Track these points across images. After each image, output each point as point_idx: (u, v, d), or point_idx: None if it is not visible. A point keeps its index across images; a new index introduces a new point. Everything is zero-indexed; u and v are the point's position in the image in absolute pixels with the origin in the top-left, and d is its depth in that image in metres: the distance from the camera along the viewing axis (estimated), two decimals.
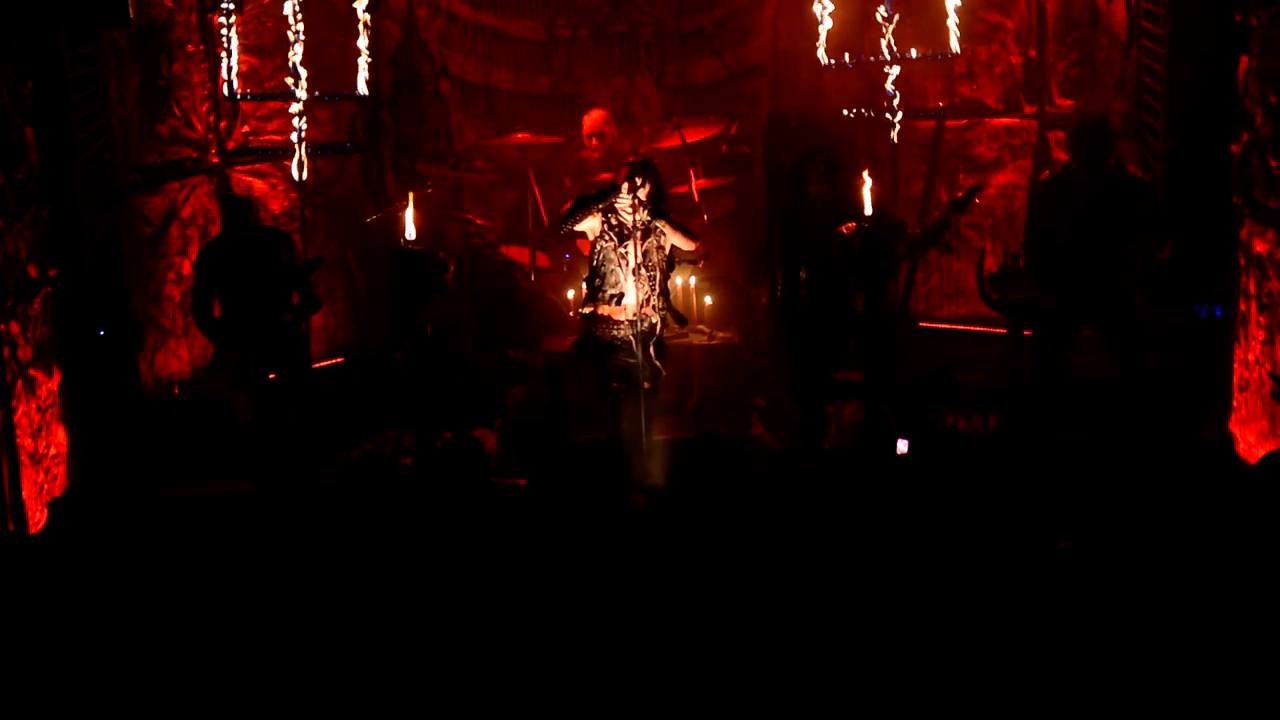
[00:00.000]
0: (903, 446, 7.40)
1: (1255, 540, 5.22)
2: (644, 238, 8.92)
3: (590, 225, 9.09)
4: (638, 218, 8.85)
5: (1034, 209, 9.55)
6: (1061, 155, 10.66)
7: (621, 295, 9.02)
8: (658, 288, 9.05)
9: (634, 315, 8.99)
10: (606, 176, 10.43)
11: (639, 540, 5.80)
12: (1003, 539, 5.58)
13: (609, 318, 9.08)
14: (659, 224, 8.99)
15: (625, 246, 8.96)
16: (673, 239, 9.05)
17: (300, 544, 6.07)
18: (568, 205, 9.43)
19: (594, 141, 11.64)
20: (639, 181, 8.86)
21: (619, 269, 9.00)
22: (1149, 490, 5.84)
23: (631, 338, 9.01)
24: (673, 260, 9.18)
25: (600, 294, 9.07)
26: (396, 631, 5.30)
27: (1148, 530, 5.50)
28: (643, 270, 8.98)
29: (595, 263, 9.11)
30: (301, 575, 5.73)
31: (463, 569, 5.64)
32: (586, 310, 9.19)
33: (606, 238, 9.03)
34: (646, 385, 9.13)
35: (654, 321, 9.10)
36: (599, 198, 9.01)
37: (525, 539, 5.87)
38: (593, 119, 11.75)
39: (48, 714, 5.07)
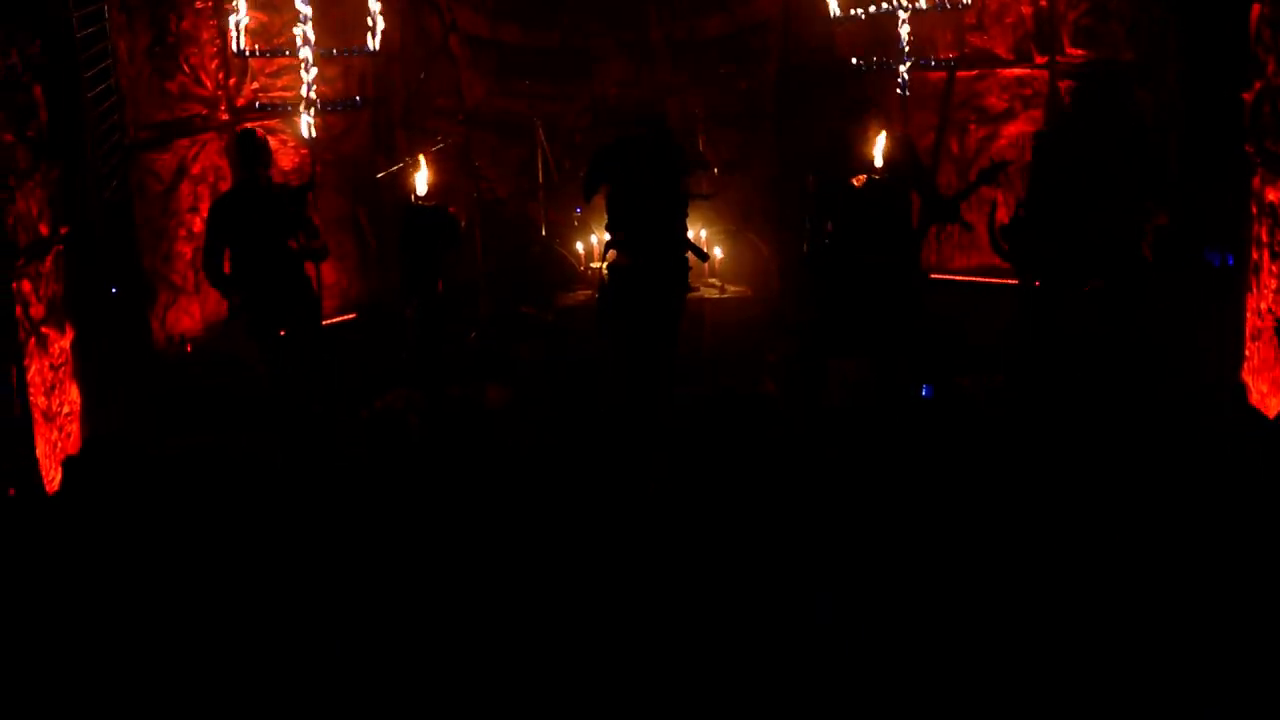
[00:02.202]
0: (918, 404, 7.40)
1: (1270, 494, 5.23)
2: (660, 173, 8.90)
3: (608, 173, 9.09)
4: (651, 162, 8.85)
5: (1037, 160, 9.51)
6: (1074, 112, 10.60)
7: (641, 235, 8.99)
8: (677, 224, 9.03)
9: (656, 261, 8.97)
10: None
11: (649, 524, 5.82)
12: (1011, 498, 5.59)
13: (631, 265, 9.05)
14: (676, 164, 8.99)
15: (642, 184, 8.94)
16: (688, 169, 9.06)
17: (314, 499, 6.11)
18: (584, 172, 9.40)
19: (613, 90, 11.58)
20: (648, 126, 8.86)
21: (639, 217, 8.98)
22: (1161, 442, 5.85)
23: (653, 284, 9.00)
24: (687, 197, 9.15)
25: (622, 243, 9.05)
26: (402, 601, 5.33)
27: (1160, 486, 5.51)
28: (663, 215, 8.96)
29: (614, 212, 9.08)
30: (313, 532, 5.77)
31: (468, 527, 5.67)
32: (610, 258, 9.14)
33: (622, 178, 9.01)
34: (666, 337, 9.14)
35: (676, 266, 9.07)
36: (611, 156, 8.99)
37: (532, 497, 5.90)
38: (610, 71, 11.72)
39: (64, 670, 5.11)
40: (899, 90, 10.63)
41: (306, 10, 10.32)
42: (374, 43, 10.78)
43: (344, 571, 5.45)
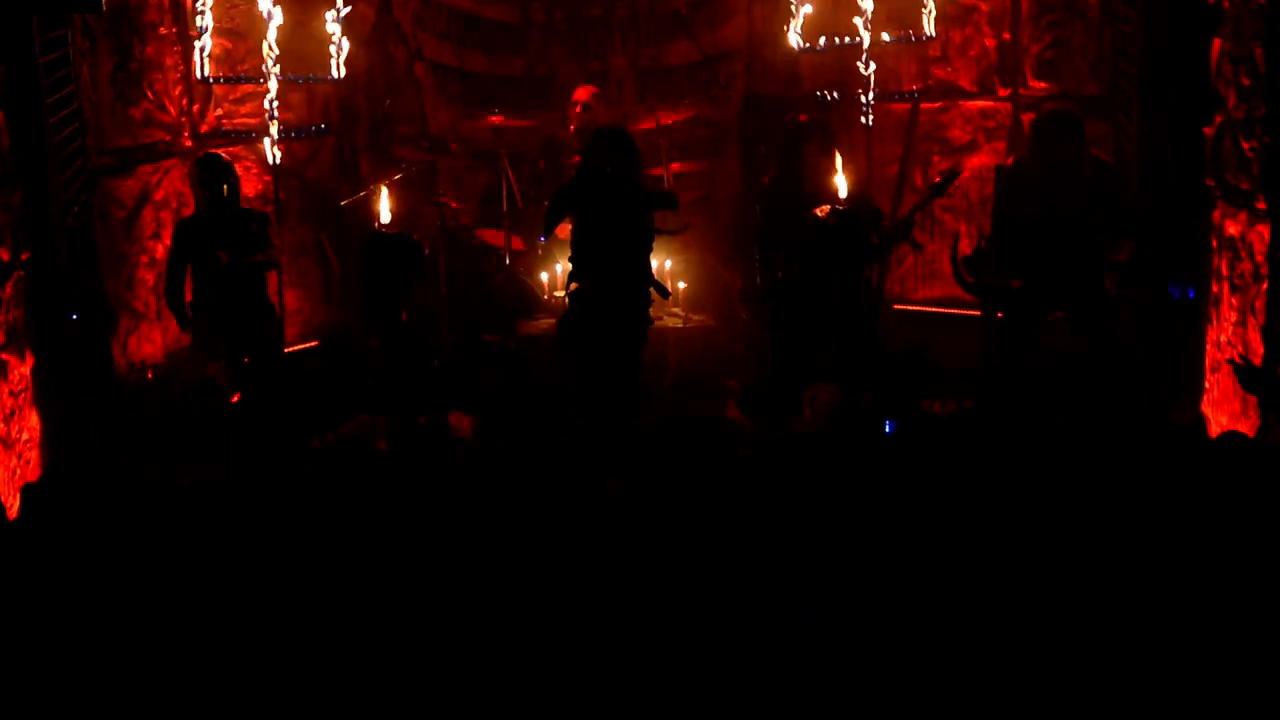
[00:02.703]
0: (888, 428, 7.41)
1: (1223, 519, 5.25)
2: (623, 209, 8.92)
3: (571, 202, 9.11)
4: (614, 190, 8.89)
5: (999, 195, 9.57)
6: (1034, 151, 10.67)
7: (604, 271, 9.01)
8: (640, 261, 9.06)
9: (618, 291, 8.99)
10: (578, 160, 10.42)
11: (613, 527, 5.81)
12: (978, 521, 5.60)
13: (593, 293, 9.07)
14: (639, 194, 9.02)
15: (605, 221, 8.96)
16: (654, 205, 9.09)
17: (276, 527, 6.06)
18: (546, 205, 9.41)
19: (577, 110, 11.59)
20: (610, 150, 8.89)
21: (601, 246, 9.00)
22: (1120, 472, 5.87)
23: (614, 313, 9.02)
24: (652, 232, 9.18)
25: (584, 272, 9.07)
26: (372, 617, 5.30)
27: (1119, 513, 5.53)
28: (626, 245, 8.99)
29: (577, 241, 9.11)
30: (277, 559, 5.73)
31: (435, 556, 5.64)
32: (572, 288, 9.18)
33: (585, 214, 9.03)
34: (627, 363, 9.17)
35: (637, 297, 9.12)
36: (572, 191, 9.01)
37: (498, 525, 5.88)
38: (583, 91, 11.72)
39: (25, 700, 5.06)
40: (863, 121, 10.68)
41: (272, 37, 10.30)
42: (338, 70, 10.77)
43: (315, 591, 5.42)
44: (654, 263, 9.52)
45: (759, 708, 4.89)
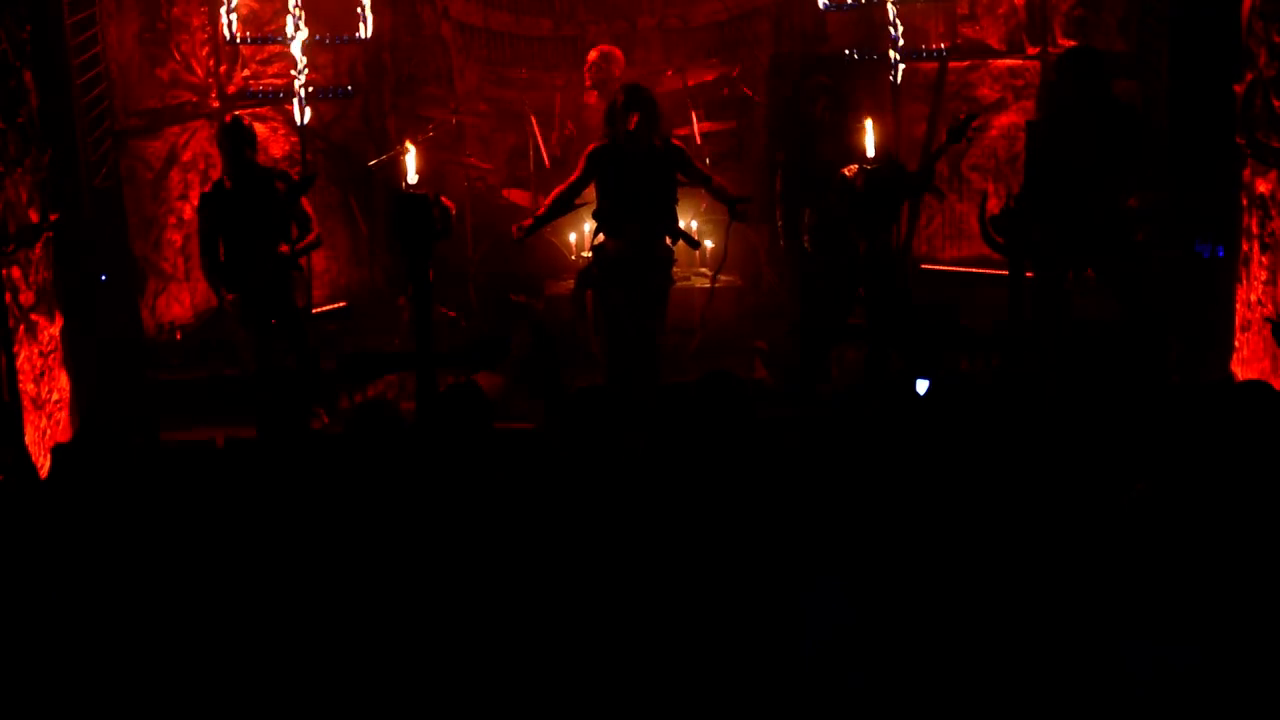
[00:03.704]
0: (921, 387, 7.38)
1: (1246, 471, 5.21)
2: (649, 168, 8.95)
3: (596, 169, 9.13)
4: (640, 149, 8.91)
5: (1031, 147, 9.50)
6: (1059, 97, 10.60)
7: (632, 228, 9.04)
8: (666, 218, 9.08)
9: (644, 247, 9.02)
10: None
11: (639, 485, 5.80)
12: (1006, 481, 5.58)
13: (619, 249, 9.10)
14: (668, 162, 9.06)
15: (632, 179, 8.99)
16: (688, 175, 9.13)
17: (302, 489, 6.08)
18: (547, 203, 9.43)
19: (592, 72, 11.55)
20: (633, 108, 8.92)
21: (628, 202, 9.03)
22: (1150, 430, 5.84)
23: (640, 270, 9.04)
24: (676, 189, 9.21)
25: (610, 228, 9.11)
26: (398, 581, 5.30)
27: (1149, 471, 5.50)
28: (653, 201, 9.01)
29: (603, 198, 9.13)
30: (304, 521, 5.74)
31: (464, 515, 5.65)
32: (597, 241, 9.22)
33: (613, 172, 9.05)
34: (652, 320, 9.19)
35: (664, 254, 9.15)
36: (602, 159, 9.07)
37: (527, 485, 5.88)
38: (594, 51, 11.67)
39: (49, 660, 5.09)
40: (891, 80, 10.62)
41: None
42: (365, 30, 10.75)
43: (344, 558, 5.43)
44: (681, 222, 9.50)
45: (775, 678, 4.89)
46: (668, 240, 9.24)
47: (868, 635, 4.86)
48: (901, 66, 10.50)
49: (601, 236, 9.24)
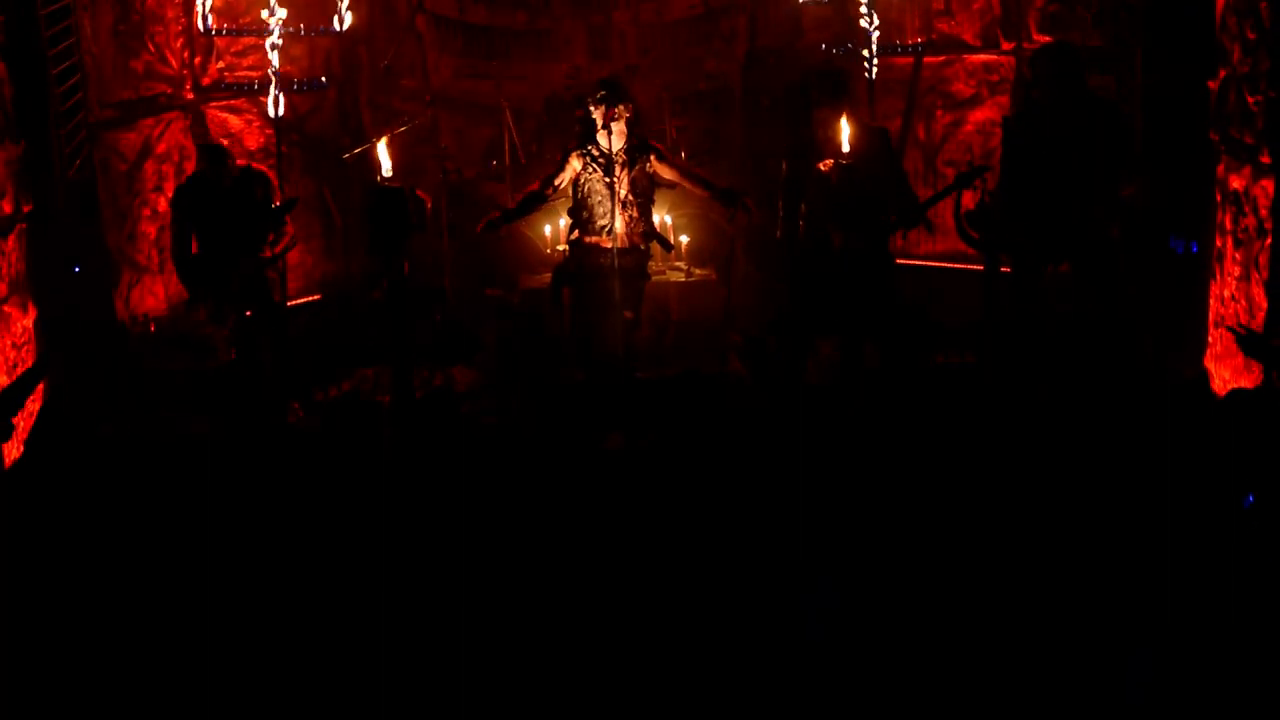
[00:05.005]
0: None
1: (1225, 473, 5.25)
2: (628, 165, 8.97)
3: (573, 166, 9.14)
4: (617, 145, 8.92)
5: (1007, 143, 9.50)
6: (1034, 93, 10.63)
7: (608, 225, 9.05)
8: (643, 216, 9.10)
9: (621, 244, 9.03)
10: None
11: (615, 481, 5.81)
12: (980, 474, 5.60)
13: (595, 246, 9.12)
14: (648, 154, 9.08)
15: (609, 176, 8.99)
16: (662, 172, 9.16)
17: (272, 482, 6.07)
18: (519, 198, 9.45)
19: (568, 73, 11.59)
20: (609, 103, 8.94)
21: (604, 199, 9.04)
22: (1123, 425, 5.87)
23: (616, 266, 9.05)
24: (653, 186, 9.22)
25: (587, 224, 9.12)
26: (371, 573, 5.30)
27: (1121, 466, 5.53)
28: (630, 198, 9.02)
29: (579, 195, 9.14)
30: (274, 513, 5.73)
31: (438, 509, 5.65)
32: (573, 237, 9.24)
33: (590, 169, 9.06)
34: (628, 315, 9.19)
35: (640, 250, 9.17)
36: (537, 198, 9.12)
37: (500, 480, 5.88)
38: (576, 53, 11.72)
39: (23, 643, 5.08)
40: (866, 75, 10.63)
41: None
42: (341, 22, 10.72)
43: (315, 553, 5.42)
44: (656, 217, 9.51)
45: (766, 668, 4.90)
46: (642, 234, 9.25)
47: (857, 628, 4.88)
48: (876, 61, 10.50)
49: (577, 233, 9.25)
